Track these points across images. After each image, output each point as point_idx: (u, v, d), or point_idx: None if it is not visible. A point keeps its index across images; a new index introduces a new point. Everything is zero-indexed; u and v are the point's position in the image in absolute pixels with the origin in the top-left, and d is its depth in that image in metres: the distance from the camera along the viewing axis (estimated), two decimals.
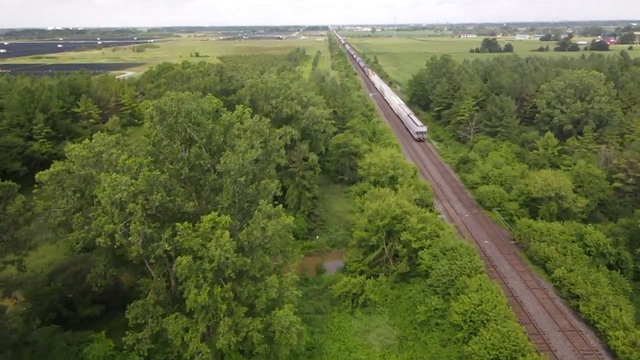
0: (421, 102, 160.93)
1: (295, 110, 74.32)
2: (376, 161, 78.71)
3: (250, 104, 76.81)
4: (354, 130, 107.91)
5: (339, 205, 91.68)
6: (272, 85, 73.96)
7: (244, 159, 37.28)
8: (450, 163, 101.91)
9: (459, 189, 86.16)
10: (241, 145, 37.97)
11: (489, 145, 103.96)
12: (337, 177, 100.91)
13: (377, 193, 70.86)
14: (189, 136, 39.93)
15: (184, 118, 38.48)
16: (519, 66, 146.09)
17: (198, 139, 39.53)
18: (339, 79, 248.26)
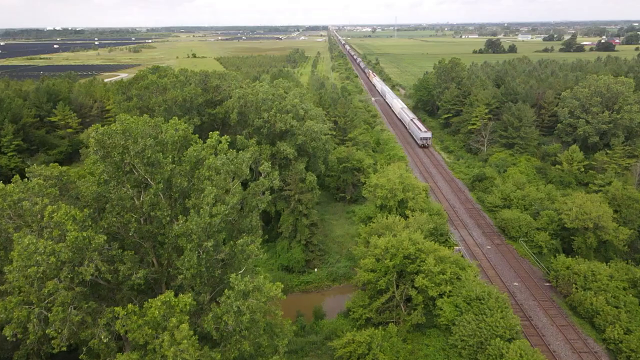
0: (427, 108, 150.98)
1: (290, 125, 64.38)
2: (383, 182, 68.71)
3: (239, 117, 66.94)
4: (356, 142, 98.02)
5: (340, 229, 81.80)
6: (264, 97, 63.99)
7: (212, 215, 27.31)
8: (464, 179, 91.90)
9: (476, 211, 76.17)
10: (208, 195, 27.95)
11: (506, 159, 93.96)
12: (338, 195, 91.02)
13: (385, 222, 61.01)
14: (142, 178, 29.91)
15: (133, 158, 28.48)
16: (534, 70, 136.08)
17: (154, 183, 29.52)
18: (340, 81, 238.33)
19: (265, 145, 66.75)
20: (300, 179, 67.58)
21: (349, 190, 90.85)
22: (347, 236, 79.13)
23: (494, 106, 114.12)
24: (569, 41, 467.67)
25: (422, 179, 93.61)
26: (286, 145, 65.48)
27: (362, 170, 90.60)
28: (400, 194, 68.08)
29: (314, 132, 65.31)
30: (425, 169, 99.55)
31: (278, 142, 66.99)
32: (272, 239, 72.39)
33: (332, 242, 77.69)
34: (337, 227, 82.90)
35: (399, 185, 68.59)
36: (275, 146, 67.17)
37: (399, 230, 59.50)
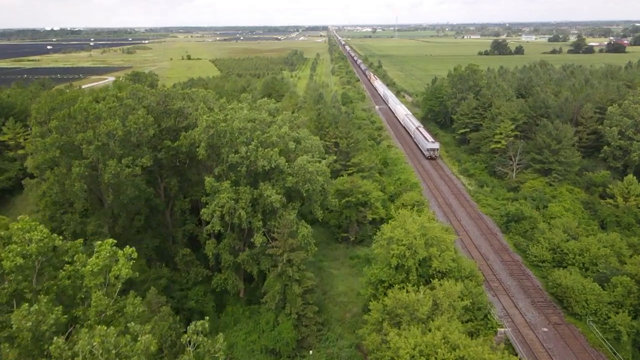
0: (439, 120, 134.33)
1: (276, 163, 47.77)
2: (400, 235, 52.06)
3: (209, 151, 50.27)
4: (361, 168, 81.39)
5: (343, 282, 65.27)
6: (241, 126, 47.34)
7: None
8: (493, 215, 75.17)
9: (517, 267, 59.50)
10: None
11: (544, 190, 77.30)
12: (340, 235, 74.49)
13: (404, 299, 44.62)
14: None
15: None
16: (562, 77, 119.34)
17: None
18: (340, 86, 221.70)
19: (244, 187, 50.17)
20: (291, 232, 50.97)
21: (353, 230, 74.31)
22: (352, 293, 62.70)
23: (521, 121, 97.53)
24: (577, 42, 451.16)
25: (442, 214, 76.89)
26: (271, 188, 48.85)
27: (369, 205, 74.22)
28: (423, 251, 51.43)
29: (308, 172, 48.70)
30: (444, 200, 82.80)
31: (261, 183, 50.43)
32: (256, 300, 55.89)
33: (333, 303, 61.18)
34: (339, 279, 66.36)
35: (420, 239, 51.96)
36: (258, 188, 50.62)
37: (424, 312, 43.26)
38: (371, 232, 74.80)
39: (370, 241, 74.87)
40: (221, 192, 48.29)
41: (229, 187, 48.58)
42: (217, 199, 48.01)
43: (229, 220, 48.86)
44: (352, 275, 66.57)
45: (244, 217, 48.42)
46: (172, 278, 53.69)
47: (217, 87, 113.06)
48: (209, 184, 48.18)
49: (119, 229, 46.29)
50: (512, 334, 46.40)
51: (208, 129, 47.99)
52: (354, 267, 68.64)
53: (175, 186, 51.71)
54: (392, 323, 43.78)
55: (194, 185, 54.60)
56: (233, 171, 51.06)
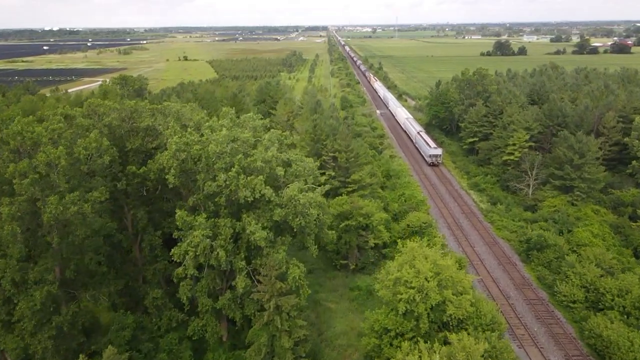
0: (444, 127, 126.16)
1: (260, 193, 39.68)
2: (408, 277, 43.97)
3: (181, 178, 42.13)
4: (362, 185, 73.26)
5: (342, 320, 57.20)
6: (219, 150, 39.21)
7: None
8: (510, 240, 67.01)
9: (544, 307, 51.36)
10: None
11: (567, 211, 69.18)
12: (339, 262, 66.40)
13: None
14: None
15: None
16: (577, 82, 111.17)
17: None
18: (339, 89, 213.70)
19: (225, 219, 42.08)
20: (279, 275, 42.88)
21: (353, 256, 66.24)
22: (352, 333, 54.60)
23: (535, 131, 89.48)
24: (581, 43, 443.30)
25: (452, 238, 68.78)
26: (255, 223, 40.73)
27: (371, 229, 66.15)
28: (436, 295, 43.31)
29: (299, 204, 40.58)
30: (454, 220, 74.65)
31: (244, 215, 42.37)
32: (242, 344, 47.79)
33: (330, 347, 53.13)
34: (338, 316, 58.25)
35: (432, 280, 43.84)
36: (241, 221, 42.56)
37: None
38: (373, 258, 66.88)
39: (372, 268, 66.97)
40: (195, 229, 40.22)
41: (205, 222, 40.48)
42: (190, 237, 39.94)
43: (204, 262, 40.76)
44: (353, 311, 58.53)
45: (222, 258, 40.34)
46: (141, 324, 45.63)
47: (207, 93, 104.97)
48: (180, 218, 40.10)
49: (71, 273, 38.21)
50: None
51: (178, 153, 39.87)
52: (354, 300, 60.65)
53: (143, 218, 43.62)
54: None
55: (166, 216, 46.52)
56: (211, 200, 42.98)
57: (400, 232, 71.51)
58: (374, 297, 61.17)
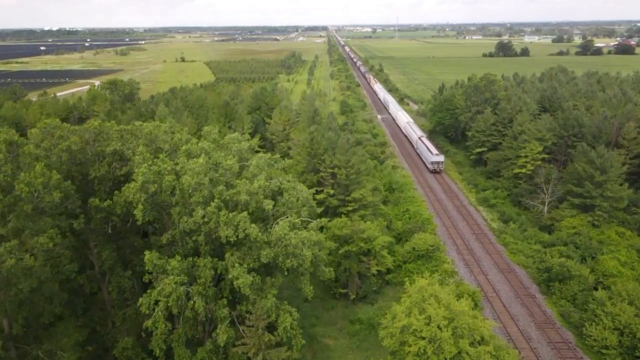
0: (449, 134, 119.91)
1: (244, 232, 33.54)
2: (418, 325, 37.81)
3: (153, 213, 35.96)
4: (363, 204, 67.04)
5: None
6: (194, 181, 33.06)
7: None
8: (527, 267, 60.78)
9: (572, 352, 45.15)
10: None
11: (589, 233, 62.99)
12: (337, 291, 60.25)
13: None
14: None
15: None
16: (592, 89, 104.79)
17: None
18: (339, 92, 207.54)
19: (204, 259, 35.94)
20: (268, 325, 36.71)
21: (354, 284, 60.08)
22: None
23: (549, 142, 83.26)
24: (584, 44, 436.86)
25: (462, 264, 62.56)
26: (239, 264, 34.55)
27: (374, 254, 60.08)
28: (451, 347, 37.11)
29: (290, 244, 34.40)
30: (463, 242, 68.37)
31: (228, 254, 36.21)
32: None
33: None
34: (335, 356, 52.18)
35: (447, 330, 37.64)
36: (224, 260, 36.40)
37: None
38: (376, 286, 60.75)
39: (375, 297, 60.92)
40: (168, 273, 34.05)
41: (180, 265, 34.31)
42: (161, 284, 33.76)
43: (178, 313, 34.59)
44: (353, 349, 52.43)
45: (200, 308, 34.18)
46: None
47: (198, 100, 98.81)
48: (149, 262, 33.92)
49: (19, 328, 32.06)
50: None
51: (147, 184, 33.69)
52: (354, 335, 54.48)
53: (109, 258, 37.42)
54: None
55: (139, 253, 40.34)
56: (189, 237, 36.82)
57: (405, 256, 65.40)
58: (376, 331, 55.17)
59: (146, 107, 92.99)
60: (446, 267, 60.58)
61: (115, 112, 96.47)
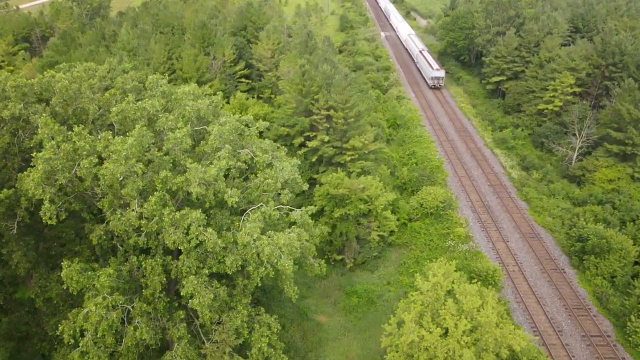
0: (462, 57, 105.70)
1: (199, 240, 23.91)
2: (430, 338, 29.49)
3: (75, 204, 26.04)
4: (363, 154, 56.65)
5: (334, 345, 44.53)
6: (124, 170, 22.66)
7: None
8: (553, 230, 51.90)
9: (610, 349, 37.61)
10: None
11: (629, 190, 53.51)
12: (332, 257, 52.12)
13: None
14: None
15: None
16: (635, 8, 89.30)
17: None
18: (339, 3, 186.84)
19: (154, 260, 26.61)
20: (240, 347, 28.29)
21: (351, 250, 51.81)
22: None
23: (583, 73, 70.91)
24: None
25: (478, 226, 53.67)
26: (194, 278, 25.30)
27: (375, 215, 51.27)
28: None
29: (264, 254, 24.86)
30: (479, 197, 58.85)
31: (180, 261, 26.82)
32: None
33: None
34: (329, 338, 45.14)
35: (469, 348, 29.31)
36: (174, 266, 27.10)
37: None
38: (377, 251, 52.53)
39: (375, 263, 52.96)
40: (99, 290, 24.89)
41: (113, 276, 25.04)
42: (89, 305, 24.72)
43: (115, 340, 25.89)
44: (349, 331, 45.35)
45: (145, 334, 25.49)
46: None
47: (172, 19, 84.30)
48: (68, 278, 24.57)
49: None
50: None
51: (54, 174, 23.39)
52: (351, 312, 47.24)
53: (24, 260, 28.04)
54: None
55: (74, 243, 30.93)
56: (127, 236, 27.14)
57: (411, 213, 56.60)
58: (375, 307, 47.84)
59: (109, 28, 78.99)
60: (459, 230, 51.83)
61: (74, 32, 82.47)
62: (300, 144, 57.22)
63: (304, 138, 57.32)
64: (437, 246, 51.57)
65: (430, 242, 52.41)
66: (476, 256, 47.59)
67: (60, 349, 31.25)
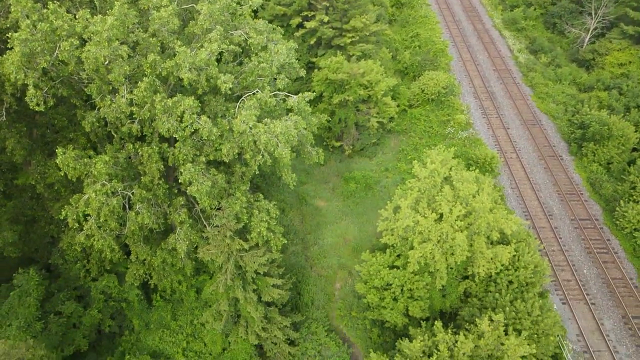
0: None
1: (194, 128, 23.32)
2: (425, 223, 30.36)
3: (62, 89, 24.94)
4: (364, 36, 53.51)
5: (332, 228, 46.44)
6: (105, 55, 21.17)
7: None
8: (555, 118, 51.06)
9: (597, 232, 39.19)
10: None
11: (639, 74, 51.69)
12: (330, 144, 52.11)
13: None
14: None
15: None
16: None
17: None
18: None
19: (150, 148, 26.41)
20: (241, 230, 29.18)
21: (350, 137, 51.63)
22: (345, 249, 44.34)
23: None
24: None
25: (479, 112, 52.77)
26: (191, 165, 25.22)
27: (375, 101, 50.21)
28: (464, 252, 30.22)
29: (260, 143, 24.42)
30: (482, 82, 56.86)
31: (175, 150, 26.56)
32: (205, 267, 37.28)
33: (317, 269, 42.96)
34: (327, 221, 47.01)
35: (461, 232, 30.25)
36: (171, 154, 26.91)
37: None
38: (376, 138, 52.34)
39: (374, 150, 53.12)
40: (97, 177, 24.99)
41: (110, 163, 25.05)
42: (89, 192, 24.96)
43: (118, 225, 26.64)
44: (347, 215, 46.87)
45: (147, 219, 26.20)
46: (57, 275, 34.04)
47: None
48: (64, 164, 24.48)
49: None
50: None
51: (34, 57, 21.93)
52: (349, 197, 48.36)
53: (18, 148, 27.71)
54: None
55: (68, 130, 30.31)
56: (121, 123, 26.54)
57: (412, 99, 55.37)
58: (373, 193, 48.94)
59: None
60: (460, 117, 51.03)
61: None
62: (297, 25, 53.80)
63: (302, 18, 53.69)
64: (437, 133, 51.18)
65: (429, 129, 51.90)
66: (475, 143, 47.43)
67: (68, 232, 32.48)
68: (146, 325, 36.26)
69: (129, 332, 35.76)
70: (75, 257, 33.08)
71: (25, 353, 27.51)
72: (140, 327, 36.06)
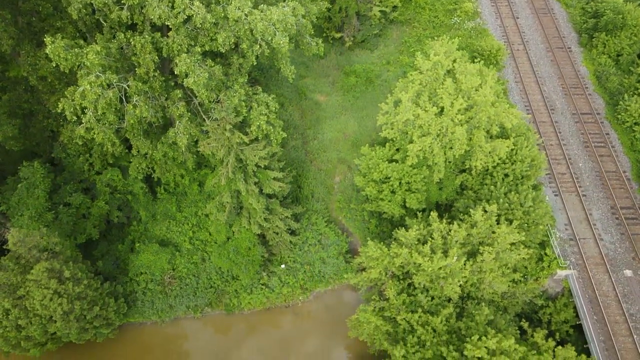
0: None
1: (186, 15, 22.09)
2: (425, 117, 30.19)
3: None
4: None
5: (331, 123, 46.93)
6: None
7: None
8: (569, 7, 48.20)
9: (597, 126, 39.00)
10: None
11: None
12: (331, 35, 50.09)
13: (425, 270, 28.04)
14: None
15: None
16: None
17: None
18: None
19: (142, 38, 25.45)
20: (240, 124, 29.00)
21: (351, 28, 49.59)
22: (344, 144, 45.10)
23: None
24: None
25: (489, 0, 49.78)
26: (187, 56, 24.42)
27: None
28: (463, 146, 30.46)
29: (257, 32, 23.30)
30: None
31: (170, 40, 25.52)
32: (207, 161, 38.17)
33: (316, 164, 43.86)
34: (327, 116, 47.12)
35: (462, 125, 30.13)
36: (164, 44, 25.90)
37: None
38: (377, 28, 50.09)
39: (375, 42, 51.13)
40: (91, 68, 24.34)
41: (102, 53, 24.28)
42: (84, 83, 24.45)
43: (116, 118, 26.49)
44: (347, 109, 46.63)
45: (145, 112, 26.06)
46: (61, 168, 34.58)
47: None
48: (54, 53, 23.68)
49: None
50: (575, 281, 31.17)
51: None
52: (349, 91, 47.74)
53: (5, 38, 26.55)
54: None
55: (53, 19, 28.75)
56: (109, 9, 25.21)
57: None
58: (374, 86, 47.96)
59: None
60: (467, 5, 48.20)
61: None
62: None
63: None
64: (442, 23, 48.78)
65: (434, 18, 49.37)
66: (482, 34, 45.43)
67: (67, 126, 32.40)
68: (153, 217, 37.75)
69: (137, 223, 37.32)
70: (77, 150, 33.39)
71: (39, 240, 29.00)
72: (147, 218, 37.58)
